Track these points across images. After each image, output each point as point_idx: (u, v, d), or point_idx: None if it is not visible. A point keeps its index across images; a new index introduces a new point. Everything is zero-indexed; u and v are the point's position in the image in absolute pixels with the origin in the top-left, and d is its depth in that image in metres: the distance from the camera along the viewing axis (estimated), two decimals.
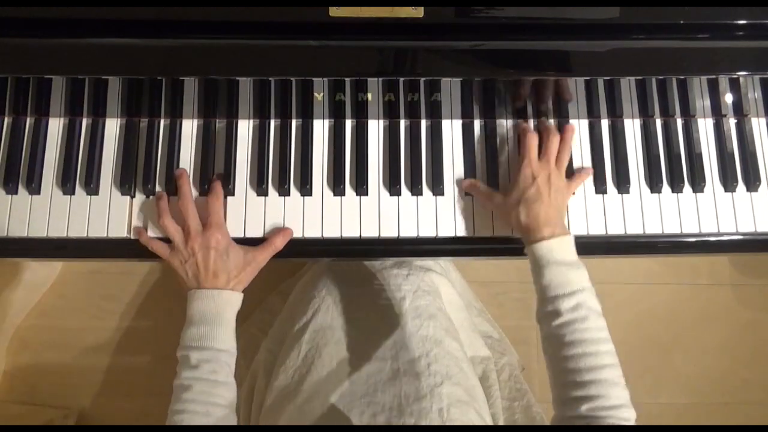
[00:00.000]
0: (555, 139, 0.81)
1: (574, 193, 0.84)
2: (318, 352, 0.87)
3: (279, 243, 0.81)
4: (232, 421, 0.72)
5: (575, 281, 0.70)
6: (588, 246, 0.84)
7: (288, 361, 0.87)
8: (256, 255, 0.79)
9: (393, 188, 0.84)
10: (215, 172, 0.84)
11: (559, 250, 0.72)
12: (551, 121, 0.87)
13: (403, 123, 0.86)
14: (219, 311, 0.74)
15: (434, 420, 0.78)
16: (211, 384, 0.70)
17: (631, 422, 0.65)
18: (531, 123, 0.87)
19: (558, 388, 0.69)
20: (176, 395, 0.71)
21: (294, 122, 0.86)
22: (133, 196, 0.83)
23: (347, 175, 0.84)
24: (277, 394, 0.85)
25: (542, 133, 0.84)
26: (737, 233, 0.85)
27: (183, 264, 0.77)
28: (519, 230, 0.78)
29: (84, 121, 0.85)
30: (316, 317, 0.90)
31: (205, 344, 0.72)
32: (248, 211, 0.83)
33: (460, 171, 0.85)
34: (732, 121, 0.88)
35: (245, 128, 0.86)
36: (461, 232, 0.83)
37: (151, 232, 0.82)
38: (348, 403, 0.81)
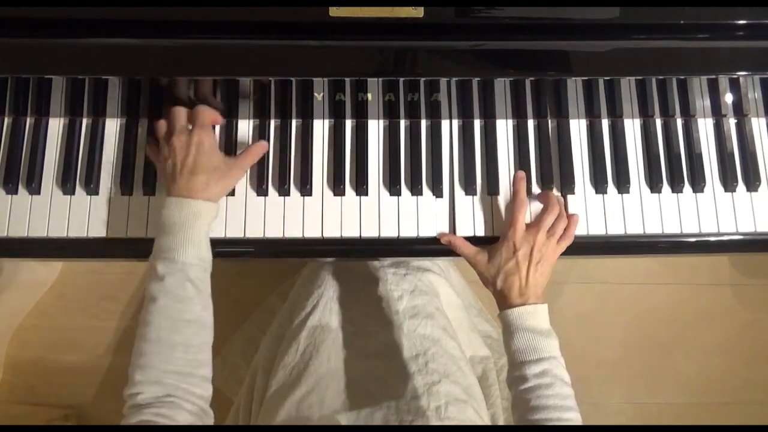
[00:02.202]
0: (553, 213, 0.79)
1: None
2: (316, 348, 0.87)
3: (257, 151, 0.80)
4: (205, 337, 0.68)
5: (544, 349, 0.70)
6: (588, 246, 0.84)
7: (286, 358, 0.87)
8: (236, 163, 0.77)
9: (393, 188, 0.84)
10: None
11: (529, 317, 0.72)
12: (558, 194, 0.84)
13: (403, 123, 0.86)
14: (190, 221, 0.70)
15: (431, 418, 0.79)
16: (178, 298, 0.67)
17: None
18: (530, 123, 0.87)
19: None
20: (145, 304, 0.68)
21: (294, 122, 0.86)
22: (132, 196, 0.83)
23: (347, 175, 0.84)
24: (275, 389, 0.85)
25: (543, 200, 0.82)
26: (737, 233, 0.85)
27: (164, 162, 0.75)
28: (494, 296, 0.77)
29: (84, 121, 0.85)
30: (314, 314, 0.91)
31: (172, 256, 0.68)
32: (248, 211, 0.83)
33: (460, 171, 0.85)
34: (732, 121, 0.88)
35: (245, 128, 0.86)
36: (461, 232, 0.83)
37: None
38: (345, 400, 0.81)
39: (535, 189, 0.85)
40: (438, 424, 0.79)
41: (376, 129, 0.86)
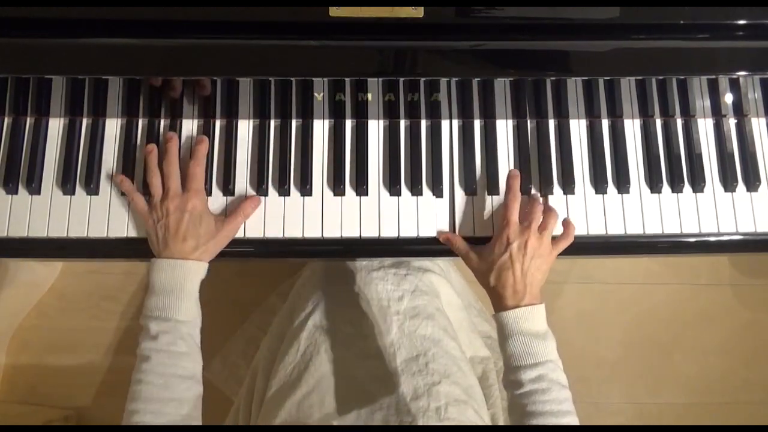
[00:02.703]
0: (539, 207, 0.79)
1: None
2: (316, 348, 0.87)
3: (249, 210, 0.80)
4: (196, 391, 0.70)
5: (539, 353, 0.69)
6: (588, 246, 0.84)
7: (287, 358, 0.87)
8: (227, 224, 0.78)
9: (393, 188, 0.84)
10: (216, 172, 0.84)
11: (525, 319, 0.71)
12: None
13: (403, 123, 0.86)
14: (181, 281, 0.72)
15: (432, 418, 0.79)
16: (170, 355, 0.69)
17: None
18: (530, 123, 0.87)
19: None
20: (137, 364, 0.70)
21: (294, 122, 0.86)
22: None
23: (347, 175, 0.84)
24: (275, 389, 0.85)
25: (529, 200, 0.82)
26: (737, 233, 0.85)
27: (155, 224, 0.76)
28: (489, 294, 0.76)
29: (84, 121, 0.85)
30: (315, 314, 0.91)
31: (165, 315, 0.70)
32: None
33: (460, 171, 0.85)
34: (732, 121, 0.88)
35: (245, 128, 0.86)
36: (461, 232, 0.83)
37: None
38: (345, 400, 0.81)
39: (536, 189, 0.85)
40: (438, 425, 0.79)
41: (376, 129, 0.86)
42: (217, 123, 0.85)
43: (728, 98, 0.86)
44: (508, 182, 0.82)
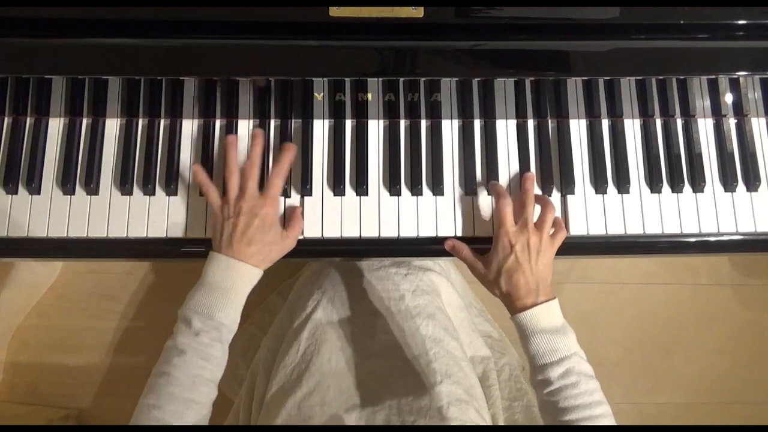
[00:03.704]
0: (531, 204, 0.78)
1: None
2: (317, 348, 0.87)
3: (302, 223, 0.81)
4: (214, 396, 0.70)
5: (562, 348, 0.70)
6: (588, 246, 0.84)
7: (287, 358, 0.87)
8: (289, 238, 0.78)
9: (393, 188, 0.84)
10: (216, 172, 0.84)
11: (543, 317, 0.72)
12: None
13: (403, 123, 0.86)
14: (235, 283, 0.71)
15: (433, 418, 0.79)
16: (205, 356, 0.68)
17: None
18: (530, 123, 0.87)
19: None
20: (168, 355, 0.68)
21: (294, 122, 0.86)
22: (132, 196, 0.83)
23: (347, 175, 0.84)
24: (276, 389, 0.85)
25: (520, 195, 0.80)
26: (737, 233, 0.85)
27: (224, 220, 0.75)
28: (502, 300, 0.76)
29: (84, 121, 0.85)
30: (315, 314, 0.90)
31: (210, 313, 0.69)
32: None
33: (460, 171, 0.85)
34: (732, 121, 0.88)
35: (245, 128, 0.86)
36: (461, 232, 0.83)
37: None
38: (346, 400, 0.81)
39: (535, 190, 0.85)
40: (439, 425, 0.79)
41: (376, 129, 0.86)
42: (217, 123, 0.85)
43: (728, 98, 0.86)
44: (494, 188, 0.81)
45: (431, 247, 0.84)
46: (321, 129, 0.86)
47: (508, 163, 0.86)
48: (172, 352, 0.68)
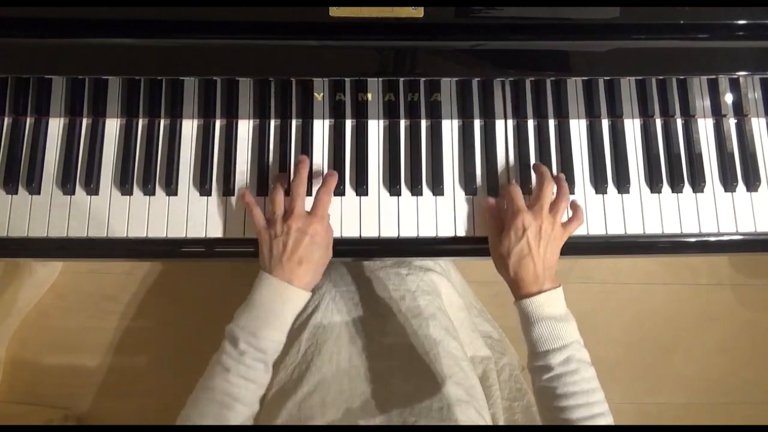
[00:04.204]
0: (549, 187, 0.78)
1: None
2: (317, 349, 0.87)
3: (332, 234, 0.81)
4: (254, 410, 0.71)
5: (564, 335, 0.71)
6: (588, 246, 0.84)
7: (287, 358, 0.87)
8: (330, 249, 0.78)
9: (393, 188, 0.84)
10: (216, 172, 0.84)
11: (547, 304, 0.72)
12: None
13: (403, 123, 0.86)
14: (284, 307, 0.72)
15: (434, 419, 0.79)
16: (248, 376, 0.69)
17: None
18: (530, 123, 0.87)
19: None
20: (214, 369, 0.69)
21: (294, 122, 0.86)
22: (132, 196, 0.83)
23: (347, 175, 0.84)
24: (276, 389, 0.85)
25: (537, 178, 0.81)
26: (737, 233, 0.85)
27: (272, 239, 0.74)
28: (506, 281, 0.77)
29: (84, 121, 0.85)
30: (316, 314, 0.90)
31: (259, 334, 0.70)
32: (248, 212, 0.83)
33: (460, 171, 0.85)
34: (732, 121, 0.88)
35: (245, 128, 0.86)
36: (461, 232, 0.83)
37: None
38: (347, 400, 0.81)
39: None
40: (440, 425, 0.79)
41: (376, 129, 0.86)
42: (217, 123, 0.85)
43: (728, 98, 0.86)
44: (501, 185, 0.82)
45: (431, 247, 0.84)
46: (321, 129, 0.86)
47: (507, 164, 0.86)
48: (217, 368, 0.69)
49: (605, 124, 0.88)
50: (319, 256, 0.76)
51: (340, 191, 0.83)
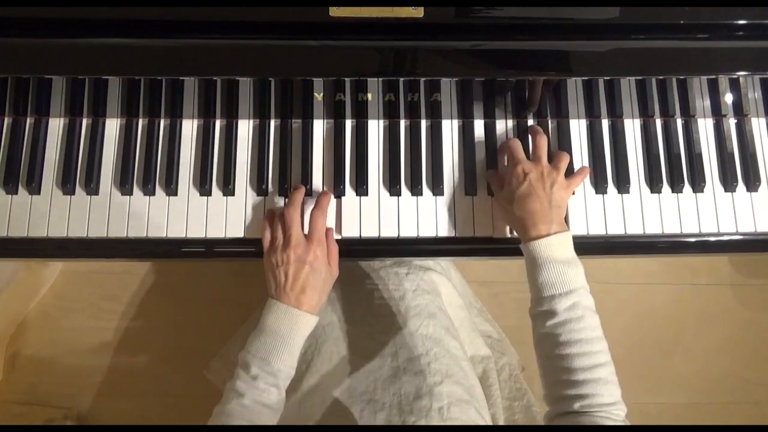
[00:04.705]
0: (543, 139, 0.80)
1: (574, 193, 0.84)
2: (317, 348, 0.87)
3: (337, 251, 0.81)
4: None
5: (572, 280, 0.70)
6: (588, 246, 0.84)
7: None
8: (333, 268, 0.79)
9: (393, 188, 0.84)
10: (216, 172, 0.84)
11: (556, 247, 0.71)
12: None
13: (403, 123, 0.86)
14: (293, 331, 0.73)
15: (434, 418, 0.79)
16: (261, 401, 0.70)
17: (622, 418, 0.65)
18: (530, 123, 0.87)
19: (551, 385, 0.69)
20: (227, 397, 0.71)
21: (294, 122, 0.86)
22: (132, 196, 0.83)
23: (347, 175, 0.84)
24: None
25: (531, 136, 0.83)
26: (737, 233, 0.85)
27: (275, 267, 0.75)
28: (515, 227, 0.77)
29: (84, 121, 0.85)
30: None
31: (270, 359, 0.71)
32: (248, 211, 0.83)
33: (460, 171, 0.85)
34: (732, 121, 0.88)
35: (245, 128, 0.86)
36: (461, 232, 0.83)
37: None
38: (347, 400, 0.81)
39: None
40: (440, 425, 0.79)
41: (376, 129, 0.86)
42: (217, 123, 0.85)
43: (728, 98, 0.86)
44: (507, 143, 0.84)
45: (431, 247, 0.84)
46: (321, 129, 0.86)
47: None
48: (231, 394, 0.70)
49: (605, 124, 0.88)
50: (322, 280, 0.77)
51: (340, 191, 0.83)
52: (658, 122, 0.88)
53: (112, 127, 0.85)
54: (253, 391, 0.70)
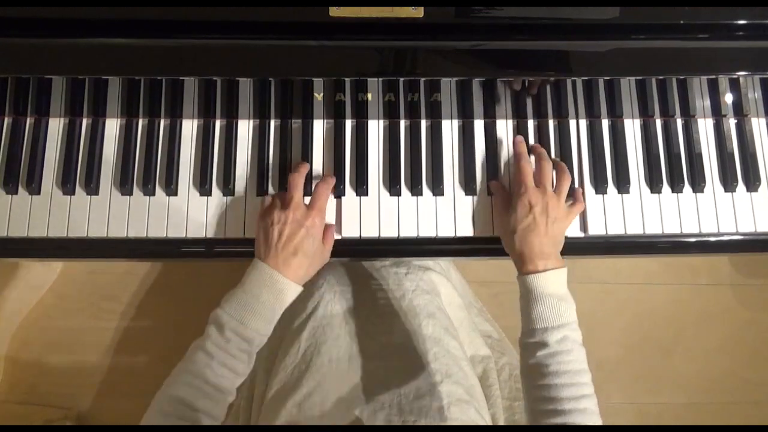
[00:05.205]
0: (548, 166, 0.80)
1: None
2: (317, 348, 0.87)
3: (333, 233, 0.82)
4: (230, 399, 0.70)
5: (564, 314, 0.71)
6: (588, 246, 0.84)
7: (287, 358, 0.87)
8: (326, 251, 0.79)
9: (393, 188, 0.84)
10: (216, 172, 0.84)
11: (552, 282, 0.73)
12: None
13: (403, 123, 0.86)
14: (276, 298, 0.71)
15: (434, 418, 0.79)
16: (230, 365, 0.68)
17: None
18: (530, 123, 0.87)
19: (536, 414, 0.70)
20: (194, 356, 0.68)
21: (294, 122, 0.86)
22: (132, 196, 0.83)
23: (347, 175, 0.84)
24: (276, 390, 0.85)
25: (535, 160, 0.83)
26: (737, 233, 0.85)
27: (269, 226, 0.74)
28: (512, 257, 0.77)
29: (84, 121, 0.85)
30: (315, 314, 0.90)
31: (246, 323, 0.69)
32: (248, 211, 0.83)
33: (460, 171, 0.85)
34: (732, 121, 0.88)
35: (245, 128, 0.86)
36: (461, 232, 0.83)
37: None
38: (347, 400, 0.81)
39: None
40: (440, 425, 0.79)
41: (376, 129, 0.86)
42: (217, 123, 0.85)
43: (728, 98, 0.86)
44: (516, 148, 0.84)
45: (431, 247, 0.84)
46: (321, 129, 0.86)
47: (508, 164, 0.86)
48: (198, 353, 0.68)
49: (605, 124, 0.88)
50: (315, 249, 0.76)
51: (340, 191, 0.83)
52: (658, 122, 0.88)
53: (112, 127, 0.85)
54: (223, 355, 0.68)
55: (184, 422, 0.65)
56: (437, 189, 0.84)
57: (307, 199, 0.80)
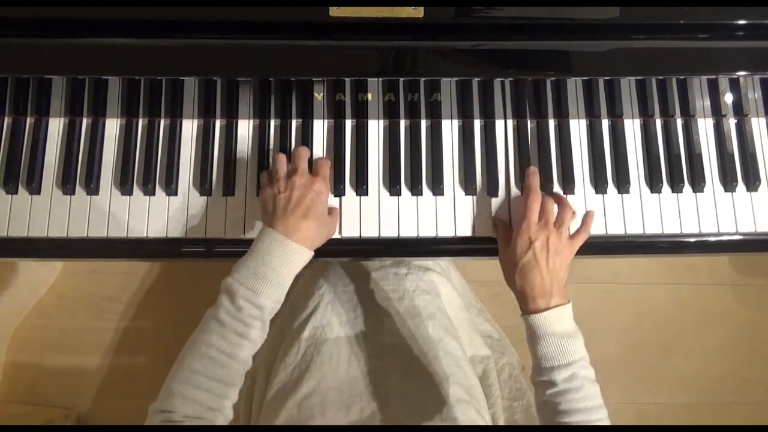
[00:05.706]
0: (549, 202, 0.79)
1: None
2: (317, 349, 0.87)
3: (338, 217, 0.82)
4: (247, 367, 0.69)
5: (571, 352, 0.70)
6: (588, 246, 0.84)
7: (287, 358, 0.87)
8: (333, 221, 0.79)
9: (393, 188, 0.84)
10: (216, 172, 0.84)
11: (555, 321, 0.71)
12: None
13: (403, 123, 0.86)
14: (287, 264, 0.69)
15: (434, 418, 0.79)
16: (243, 333, 0.67)
17: None
18: (530, 123, 0.87)
19: None
20: (207, 325, 0.67)
21: (294, 122, 0.86)
22: (132, 196, 0.83)
23: (347, 175, 0.84)
24: (276, 390, 0.85)
25: (527, 188, 0.82)
26: (737, 233, 0.85)
27: (275, 195, 0.74)
28: (514, 291, 0.76)
29: (84, 121, 0.85)
30: (316, 314, 0.90)
31: (258, 290, 0.67)
32: (248, 212, 0.83)
33: (459, 171, 0.85)
34: (732, 121, 0.88)
35: (245, 128, 0.86)
36: (461, 232, 0.83)
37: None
38: (347, 400, 0.81)
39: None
40: (440, 425, 0.79)
41: (376, 129, 0.86)
42: (217, 123, 0.86)
43: (728, 98, 0.86)
44: (528, 179, 0.82)
45: (431, 247, 0.84)
46: (321, 129, 0.86)
47: (507, 164, 0.86)
48: (212, 323, 0.67)
49: (605, 124, 0.88)
50: (324, 216, 0.76)
51: (340, 191, 0.83)
52: (658, 122, 0.88)
53: (112, 127, 0.85)
54: (237, 324, 0.67)
55: (200, 391, 0.64)
56: (437, 189, 0.84)
57: None
